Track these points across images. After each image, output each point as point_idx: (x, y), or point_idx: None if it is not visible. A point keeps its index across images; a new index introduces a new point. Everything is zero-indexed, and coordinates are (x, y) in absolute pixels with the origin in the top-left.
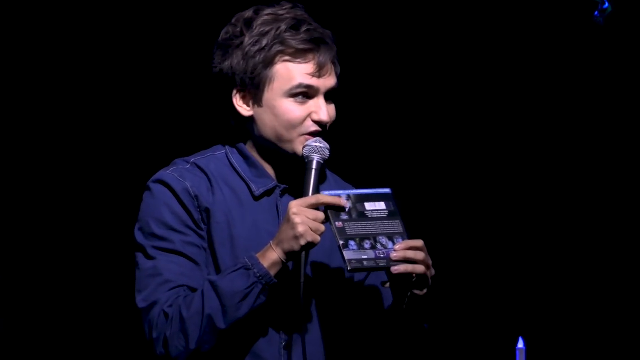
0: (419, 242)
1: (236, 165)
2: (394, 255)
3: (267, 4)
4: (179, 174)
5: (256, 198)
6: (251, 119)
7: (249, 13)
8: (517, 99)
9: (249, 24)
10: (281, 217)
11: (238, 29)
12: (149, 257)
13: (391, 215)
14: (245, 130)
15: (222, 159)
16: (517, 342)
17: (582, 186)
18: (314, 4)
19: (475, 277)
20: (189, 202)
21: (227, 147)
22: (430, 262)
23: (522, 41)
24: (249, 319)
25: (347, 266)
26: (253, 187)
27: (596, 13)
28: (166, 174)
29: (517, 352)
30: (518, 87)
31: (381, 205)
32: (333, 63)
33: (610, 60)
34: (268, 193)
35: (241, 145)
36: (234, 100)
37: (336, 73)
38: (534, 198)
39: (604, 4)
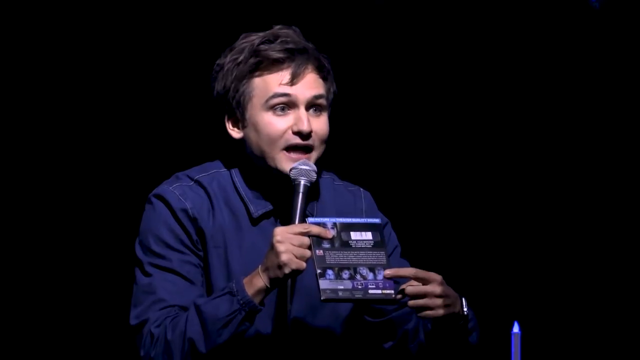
0: (435, 276)
1: (238, 185)
2: (409, 290)
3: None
4: (180, 192)
5: (254, 221)
6: (243, 140)
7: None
8: (510, 99)
9: (232, 47)
10: None
11: (225, 54)
12: (146, 274)
13: (376, 245)
14: (244, 152)
15: (226, 177)
16: (512, 326)
17: (571, 174)
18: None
19: (470, 262)
20: (187, 223)
21: (231, 164)
22: (449, 294)
23: (514, 40)
24: (233, 343)
25: (320, 295)
26: (252, 208)
27: None
28: (168, 190)
29: (513, 337)
30: (512, 87)
31: (367, 236)
32: (322, 76)
33: (608, 59)
34: (267, 215)
35: (244, 165)
36: (227, 125)
37: (326, 87)
38: (527, 186)
39: None
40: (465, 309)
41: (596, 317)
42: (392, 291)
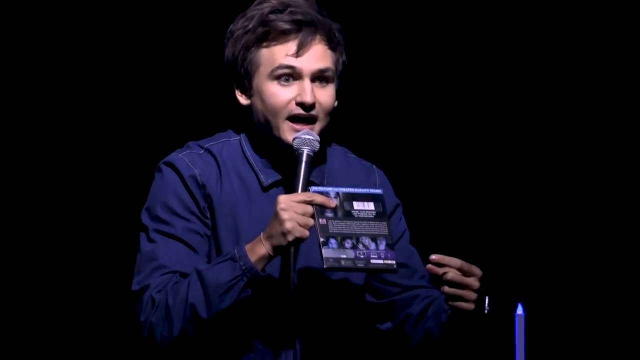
0: (478, 270)
1: (248, 154)
2: (450, 277)
3: None
4: (190, 159)
5: (264, 189)
6: (250, 108)
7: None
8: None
9: (244, 14)
10: None
11: (237, 20)
12: (150, 240)
13: (378, 216)
14: (252, 121)
15: (236, 146)
16: (516, 308)
17: (579, 161)
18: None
19: (474, 243)
20: (195, 190)
21: (242, 133)
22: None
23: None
24: (235, 310)
25: (323, 264)
26: (262, 177)
27: None
28: (177, 157)
29: (516, 319)
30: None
31: (370, 206)
32: (330, 47)
33: (608, 59)
34: (277, 184)
35: (252, 134)
36: (236, 92)
37: (334, 59)
38: (535, 170)
39: None
40: (487, 308)
41: (600, 300)
42: (394, 261)
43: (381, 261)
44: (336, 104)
